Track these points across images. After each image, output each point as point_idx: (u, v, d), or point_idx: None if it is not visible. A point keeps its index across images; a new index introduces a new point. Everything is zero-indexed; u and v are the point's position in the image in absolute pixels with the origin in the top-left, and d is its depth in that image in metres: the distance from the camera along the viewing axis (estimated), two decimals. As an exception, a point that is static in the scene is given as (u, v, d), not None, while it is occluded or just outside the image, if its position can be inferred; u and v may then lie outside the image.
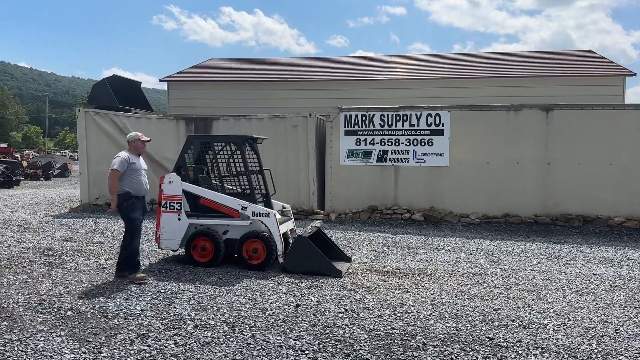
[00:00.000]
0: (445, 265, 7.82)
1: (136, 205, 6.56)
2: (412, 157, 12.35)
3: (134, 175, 6.54)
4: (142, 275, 6.52)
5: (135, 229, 6.59)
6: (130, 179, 6.52)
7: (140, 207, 6.65)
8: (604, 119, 11.52)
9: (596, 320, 5.23)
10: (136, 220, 6.58)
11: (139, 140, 6.78)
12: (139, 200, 6.60)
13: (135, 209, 6.55)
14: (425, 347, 4.40)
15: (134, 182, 6.54)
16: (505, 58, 21.59)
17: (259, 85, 19.29)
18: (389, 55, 24.32)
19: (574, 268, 7.74)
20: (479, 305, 5.66)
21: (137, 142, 6.76)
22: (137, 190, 6.56)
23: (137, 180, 6.56)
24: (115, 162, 6.49)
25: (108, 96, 14.86)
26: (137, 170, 6.58)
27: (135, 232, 6.58)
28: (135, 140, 6.76)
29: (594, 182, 11.50)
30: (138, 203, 6.59)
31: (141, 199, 6.66)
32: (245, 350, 4.30)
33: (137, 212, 6.58)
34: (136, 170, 6.57)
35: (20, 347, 4.26)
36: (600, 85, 17.01)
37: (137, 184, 6.56)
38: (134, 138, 6.78)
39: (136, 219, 6.58)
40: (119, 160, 6.48)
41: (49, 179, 27.88)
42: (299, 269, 6.96)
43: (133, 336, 4.56)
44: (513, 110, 11.99)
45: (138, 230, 6.64)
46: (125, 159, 6.51)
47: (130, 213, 6.53)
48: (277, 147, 12.75)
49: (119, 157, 6.53)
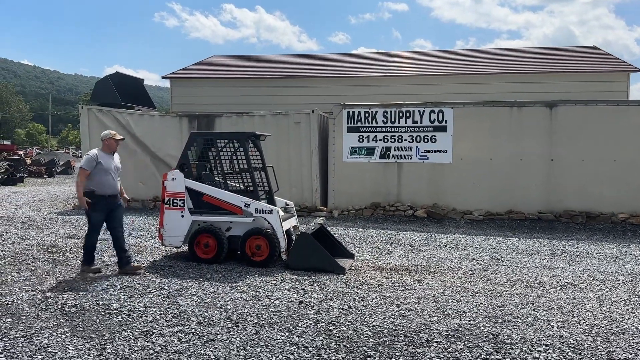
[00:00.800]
0: (448, 262, 7.81)
1: (98, 204, 6.55)
2: (415, 154, 12.32)
3: (101, 174, 6.56)
4: (96, 267, 6.79)
5: (94, 227, 6.66)
6: (96, 178, 6.55)
7: (103, 207, 6.62)
8: (608, 115, 11.47)
9: (600, 316, 5.22)
10: (95, 219, 6.63)
11: (112, 139, 6.81)
12: (103, 199, 6.59)
13: (97, 208, 6.56)
14: (428, 344, 4.40)
15: (100, 182, 6.56)
16: (509, 54, 21.51)
17: (261, 82, 19.28)
18: (391, 52, 24.30)
19: (577, 265, 7.72)
20: (483, 302, 5.65)
21: (110, 141, 6.80)
22: (102, 190, 6.57)
23: (103, 179, 6.57)
24: (82, 161, 6.60)
25: (111, 93, 14.88)
26: (105, 169, 6.58)
27: (93, 230, 6.66)
28: (109, 139, 6.80)
29: (598, 178, 11.46)
30: (101, 202, 6.58)
31: (107, 198, 6.63)
32: (249, 346, 4.30)
33: (97, 212, 6.60)
34: (104, 169, 6.57)
35: (24, 344, 4.27)
36: (604, 81, 16.94)
37: (102, 183, 6.57)
38: (107, 136, 6.83)
39: (95, 218, 6.62)
40: (87, 158, 6.55)
41: (52, 176, 27.96)
42: (302, 266, 6.96)
43: (137, 332, 4.56)
44: (516, 106, 11.96)
45: (96, 228, 6.68)
46: (93, 157, 6.54)
47: (91, 212, 6.56)
48: (280, 144, 12.74)
49: (88, 156, 6.59)
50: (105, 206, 6.64)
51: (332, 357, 4.11)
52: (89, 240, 6.71)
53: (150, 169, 13.84)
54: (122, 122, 13.82)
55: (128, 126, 13.77)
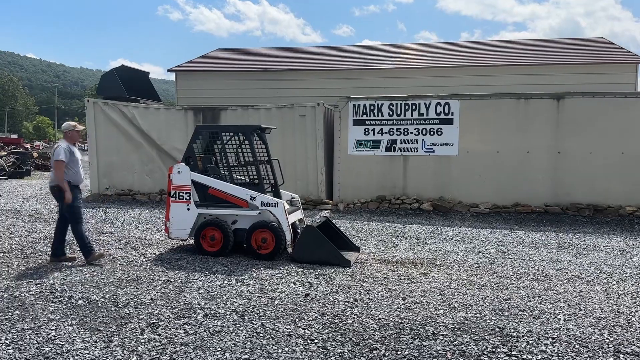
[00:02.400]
0: (454, 255, 7.79)
1: (76, 193, 6.82)
2: (421, 147, 12.28)
3: (73, 165, 6.81)
4: (99, 253, 6.96)
5: (77, 216, 6.87)
6: (70, 170, 6.77)
7: (79, 196, 6.96)
8: (616, 107, 11.37)
9: (607, 310, 5.20)
10: (77, 208, 6.86)
11: (74, 130, 7.01)
12: (77, 189, 6.89)
13: (76, 197, 6.82)
14: (434, 337, 4.39)
15: (74, 173, 6.82)
16: (516, 46, 21.33)
17: (267, 75, 19.23)
18: (397, 44, 24.15)
19: (584, 258, 7.69)
20: (489, 295, 5.63)
21: (72, 133, 7.01)
22: (75, 180, 6.86)
23: (76, 170, 6.85)
24: (59, 153, 6.70)
25: (117, 87, 14.91)
26: (75, 161, 6.85)
27: (78, 219, 6.88)
28: (71, 131, 6.99)
29: (605, 171, 11.38)
30: (77, 191, 6.87)
31: (78, 187, 6.95)
32: (255, 339, 4.31)
33: (76, 200, 6.84)
34: (75, 161, 6.84)
35: (32, 336, 4.30)
36: (612, 73, 16.77)
37: (75, 174, 6.86)
38: (69, 128, 7.00)
39: (77, 207, 6.85)
40: (62, 150, 6.69)
41: (59, 169, 28.01)
42: (308, 259, 6.97)
43: (143, 325, 4.58)
44: (523, 98, 11.87)
45: (79, 216, 6.91)
46: (66, 149, 6.74)
47: (74, 201, 6.77)
48: (286, 137, 12.73)
49: (61, 148, 6.73)
50: (79, 195, 6.97)
51: (338, 349, 4.11)
52: (79, 230, 6.87)
53: (156, 162, 13.88)
54: (128, 115, 13.85)
55: (134, 119, 13.79)
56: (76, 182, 6.85)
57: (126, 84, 15.17)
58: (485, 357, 3.99)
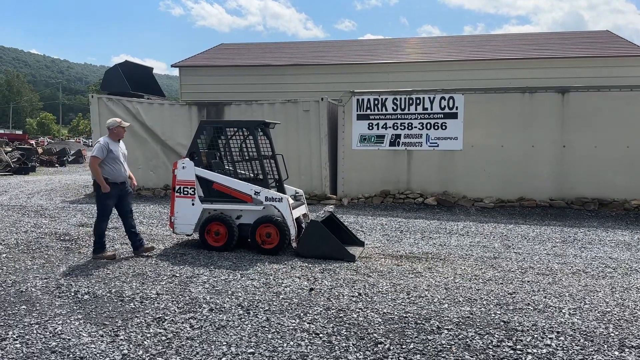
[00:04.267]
0: (459, 249, 7.79)
1: (111, 192, 6.74)
2: (425, 141, 12.25)
3: (111, 162, 6.77)
4: (111, 254, 6.93)
5: (105, 214, 6.88)
6: (108, 166, 6.75)
7: (115, 194, 6.84)
8: (621, 101, 11.30)
9: (613, 304, 5.19)
10: (107, 207, 6.86)
11: (120, 126, 6.96)
12: (115, 187, 6.81)
13: (109, 196, 6.77)
14: (439, 331, 4.40)
15: (112, 169, 6.77)
16: (520, 39, 21.22)
17: (270, 70, 19.21)
18: (401, 38, 24.06)
19: (589, 252, 7.67)
20: (494, 289, 5.63)
21: (117, 129, 6.95)
22: (114, 177, 6.80)
23: (114, 167, 6.79)
24: (94, 149, 6.76)
25: (121, 82, 14.92)
26: (115, 157, 6.80)
27: (104, 216, 6.88)
28: (116, 127, 6.94)
29: (610, 165, 11.33)
30: (114, 190, 6.79)
31: (118, 185, 6.86)
32: (260, 333, 4.33)
33: (110, 199, 6.81)
34: (114, 158, 6.79)
35: (39, 330, 4.33)
36: (618, 66, 16.68)
37: (114, 171, 6.79)
38: (114, 125, 6.95)
39: (107, 205, 6.85)
40: (98, 146, 6.73)
41: (63, 165, 28.18)
42: (312, 254, 6.98)
43: (149, 319, 4.61)
44: (528, 92, 11.82)
45: (107, 215, 6.91)
46: (104, 145, 6.73)
47: (104, 199, 6.80)
48: (289, 132, 12.72)
49: (98, 144, 6.77)
50: (117, 193, 6.86)
51: (343, 344, 4.12)
52: (100, 227, 6.88)
53: (161, 158, 13.90)
54: (132, 111, 13.86)
55: (138, 115, 13.81)
56: (114, 180, 6.77)
57: (130, 79, 15.19)
58: (490, 351, 4.00)
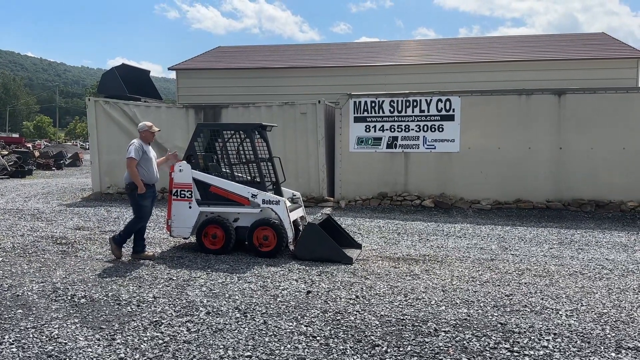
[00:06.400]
0: (456, 251, 7.80)
1: (147, 193, 6.86)
2: (423, 143, 12.27)
3: (146, 163, 6.88)
4: (151, 253, 7.11)
5: (143, 216, 7.01)
6: (142, 168, 6.84)
7: (151, 195, 6.98)
8: (618, 103, 11.35)
9: (609, 305, 5.20)
10: (146, 207, 6.97)
11: (148, 131, 7.03)
12: (149, 188, 6.92)
13: (146, 196, 6.89)
14: (436, 333, 4.40)
15: (146, 171, 6.88)
16: (516, 41, 21.28)
17: (267, 72, 19.21)
18: (397, 41, 24.11)
19: (586, 253, 7.68)
20: (491, 291, 5.64)
21: (146, 133, 7.03)
22: (148, 179, 6.91)
23: (149, 168, 6.90)
24: (131, 151, 6.78)
25: (118, 85, 14.90)
26: (149, 159, 6.91)
27: (141, 218, 7.00)
28: (145, 131, 7.03)
29: (607, 166, 11.37)
30: (149, 191, 6.90)
31: (152, 187, 6.99)
32: (257, 336, 4.32)
33: (147, 200, 6.93)
34: (148, 159, 6.90)
35: (35, 334, 4.31)
36: (614, 68, 16.73)
37: (149, 172, 6.90)
38: (144, 129, 7.04)
39: (146, 206, 6.96)
40: (134, 148, 6.79)
41: (60, 168, 28.11)
42: (310, 256, 6.97)
43: (146, 323, 4.60)
44: (525, 94, 11.86)
45: (145, 217, 7.05)
46: (139, 147, 6.84)
47: (141, 200, 6.89)
48: (287, 134, 12.73)
49: (134, 145, 6.83)
50: (152, 194, 7.00)
51: (340, 346, 4.12)
52: (134, 227, 6.96)
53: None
54: (129, 114, 13.85)
55: (135, 118, 13.79)
56: (149, 181, 6.90)
57: (127, 82, 15.17)
58: (487, 353, 4.00)
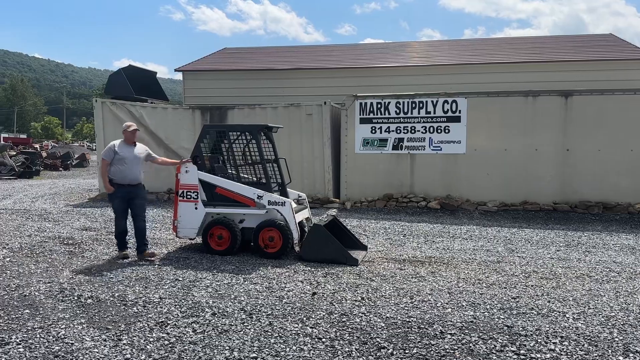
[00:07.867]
0: (462, 253, 7.77)
1: (117, 192, 7.02)
2: (428, 145, 12.24)
3: (118, 164, 7.02)
4: (125, 252, 7.19)
5: (115, 213, 7.17)
6: (114, 167, 7.02)
7: (121, 195, 7.06)
8: (625, 104, 11.28)
9: (617, 308, 5.16)
10: (115, 205, 7.12)
11: (127, 131, 7.20)
12: (122, 187, 7.03)
13: (115, 196, 7.05)
14: (442, 335, 4.38)
15: (117, 170, 7.02)
16: (523, 43, 21.20)
17: (273, 74, 19.24)
18: (403, 42, 24.05)
19: (593, 256, 7.64)
20: (497, 294, 5.61)
21: (125, 133, 7.23)
22: (121, 178, 7.03)
23: (120, 169, 7.02)
24: (103, 151, 7.15)
25: (124, 86, 14.97)
26: (122, 159, 7.02)
27: (116, 216, 7.16)
28: (124, 131, 7.23)
29: (614, 168, 11.30)
30: (119, 190, 7.02)
31: (125, 187, 7.06)
32: (263, 337, 4.32)
33: (116, 199, 7.08)
34: (121, 159, 7.02)
35: (42, 335, 4.33)
36: (621, 69, 16.62)
37: (120, 172, 7.02)
38: (123, 129, 7.27)
39: (115, 204, 7.11)
40: (107, 149, 7.10)
41: (67, 169, 28.27)
42: (315, 258, 6.97)
43: (152, 323, 4.61)
44: (531, 96, 11.80)
45: (118, 214, 7.15)
46: (111, 148, 7.06)
47: (111, 199, 7.15)
48: (292, 135, 12.73)
49: (108, 146, 7.14)
50: (125, 194, 7.07)
51: (346, 348, 4.11)
52: (116, 225, 7.18)
53: (164, 162, 13.92)
54: (136, 115, 13.90)
55: (141, 119, 13.84)
56: (121, 181, 7.00)
57: (134, 83, 15.24)
58: (493, 356, 3.98)
